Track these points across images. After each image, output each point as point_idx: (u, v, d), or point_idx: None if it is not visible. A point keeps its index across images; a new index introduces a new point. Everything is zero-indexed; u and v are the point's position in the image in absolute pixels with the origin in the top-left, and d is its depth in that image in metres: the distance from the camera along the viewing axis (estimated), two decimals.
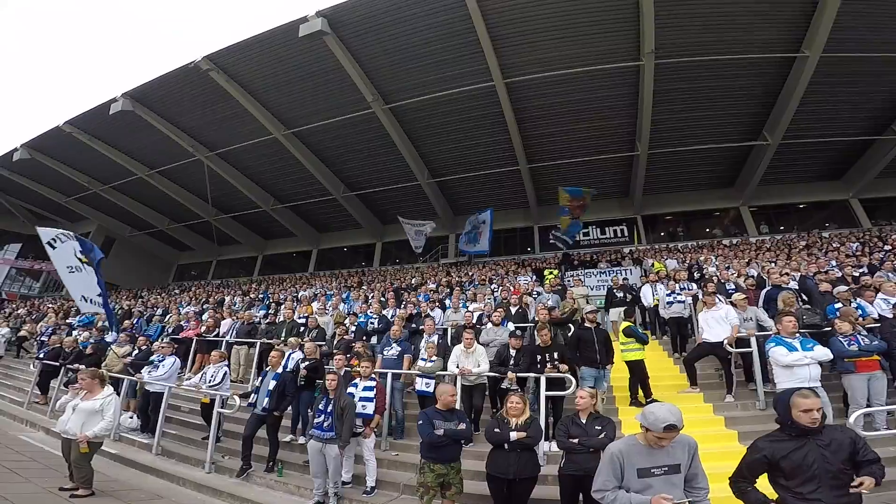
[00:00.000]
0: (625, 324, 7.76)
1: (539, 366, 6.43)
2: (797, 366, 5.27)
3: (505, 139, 19.22)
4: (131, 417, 8.10)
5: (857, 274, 9.51)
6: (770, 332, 6.77)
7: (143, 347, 9.52)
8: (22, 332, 14.47)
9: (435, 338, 7.96)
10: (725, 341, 6.84)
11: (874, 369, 5.53)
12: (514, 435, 4.34)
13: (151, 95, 19.04)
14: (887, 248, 13.38)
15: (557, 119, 18.60)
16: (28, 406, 9.80)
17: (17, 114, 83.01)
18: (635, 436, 2.98)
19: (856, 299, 7.24)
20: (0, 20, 77.61)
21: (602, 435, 4.21)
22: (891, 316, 6.56)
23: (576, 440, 4.22)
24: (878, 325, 6.39)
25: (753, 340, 6.76)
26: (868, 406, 5.29)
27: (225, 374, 7.42)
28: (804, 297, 8.40)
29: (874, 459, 2.75)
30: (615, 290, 10.89)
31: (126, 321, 13.80)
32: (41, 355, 10.60)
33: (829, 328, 6.33)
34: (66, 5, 78.16)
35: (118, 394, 6.78)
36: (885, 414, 5.36)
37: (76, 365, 8.97)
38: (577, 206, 18.98)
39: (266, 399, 6.31)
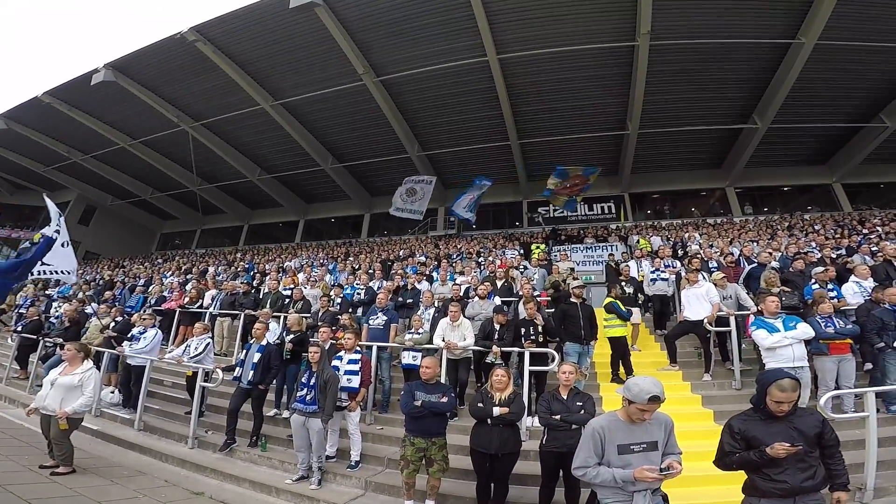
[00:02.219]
0: (608, 299, 7.80)
1: (523, 339, 6.47)
2: (778, 347, 5.30)
3: (496, 114, 19.10)
4: (113, 392, 7.94)
5: (835, 256, 9.67)
6: (748, 312, 6.90)
7: (119, 318, 9.38)
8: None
9: (431, 311, 7.96)
10: (705, 320, 6.93)
11: (845, 352, 5.65)
12: (496, 410, 4.33)
13: (135, 66, 18.50)
14: (865, 231, 13.62)
15: (550, 96, 18.49)
16: (7, 382, 9.61)
17: None
18: (616, 412, 2.97)
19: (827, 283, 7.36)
20: None
21: (583, 411, 4.23)
22: (861, 299, 6.68)
23: (557, 416, 4.22)
24: (852, 307, 6.51)
25: (732, 320, 6.84)
26: (837, 388, 5.42)
27: (207, 345, 7.34)
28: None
29: (835, 443, 2.83)
30: (623, 285, 8.85)
31: (108, 292, 13.62)
32: (19, 328, 10.40)
33: (805, 309, 6.44)
34: None
35: (99, 368, 6.72)
36: (853, 397, 5.46)
37: (56, 339, 8.85)
38: (573, 186, 18.90)
39: (251, 372, 6.24)
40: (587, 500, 3.07)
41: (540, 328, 6.57)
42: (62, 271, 8.53)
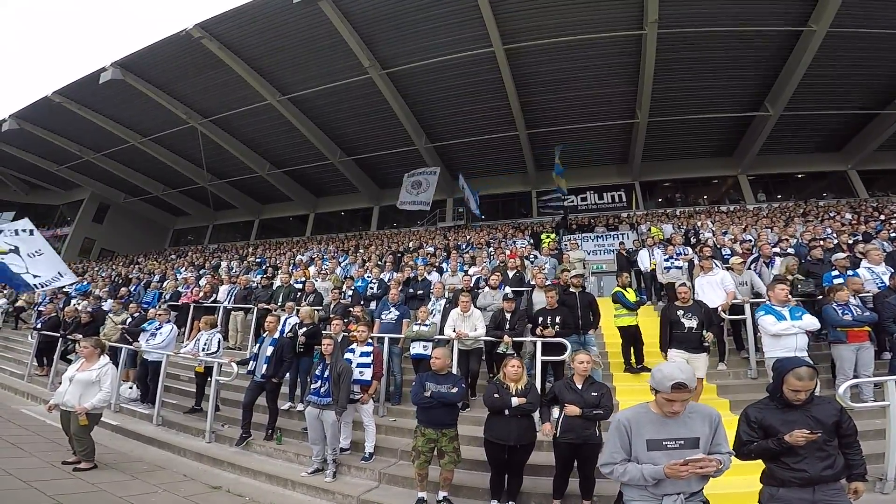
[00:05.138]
0: (616, 289, 7.76)
1: (540, 328, 6.41)
2: (784, 335, 5.24)
3: (504, 105, 18.99)
4: (131, 388, 8.08)
5: (852, 242, 9.52)
6: (764, 300, 6.82)
7: (136, 315, 9.49)
8: (19, 303, 14.37)
9: (442, 301, 7.95)
10: (719, 308, 6.84)
11: (863, 340, 5.55)
12: (515, 401, 4.30)
13: (142, 64, 18.58)
14: (882, 217, 13.42)
15: (557, 86, 18.34)
16: (28, 379, 9.80)
17: (4, 84, 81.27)
18: (648, 403, 2.70)
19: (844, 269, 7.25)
20: None
21: (599, 402, 4.18)
22: (874, 286, 6.57)
23: (579, 410, 4.12)
24: (870, 294, 6.41)
25: (747, 308, 6.75)
26: (855, 377, 5.33)
27: (219, 341, 7.44)
28: None
29: (853, 433, 2.81)
30: (680, 313, 5.97)
31: (123, 288, 13.79)
32: (38, 325, 10.57)
33: (822, 297, 6.35)
34: None
35: (116, 363, 6.80)
36: (872, 386, 5.37)
37: (75, 335, 8.99)
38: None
39: (264, 365, 6.28)
40: (615, 501, 2.92)
41: (557, 318, 6.46)
42: (54, 277, 8.92)
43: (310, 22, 15.80)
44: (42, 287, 9.12)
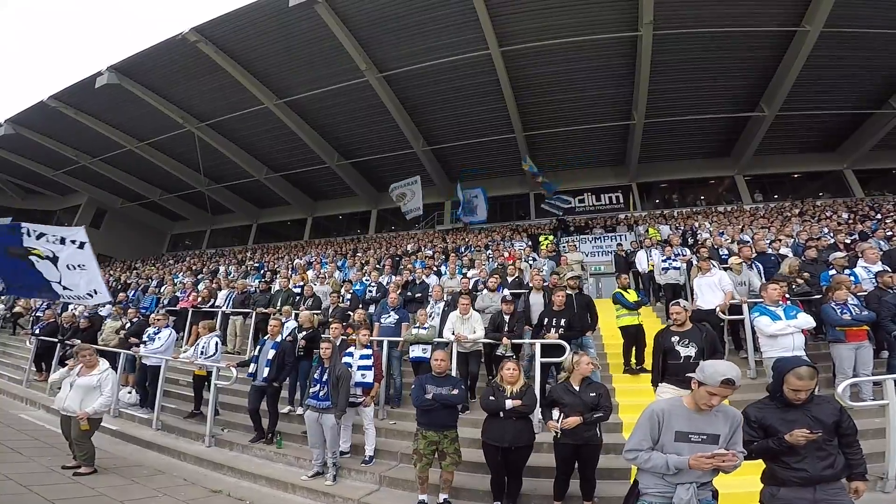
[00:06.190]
0: (616, 290, 7.77)
1: (548, 329, 6.41)
2: (781, 335, 5.25)
3: (501, 107, 19.02)
4: (130, 392, 8.07)
5: (849, 241, 9.56)
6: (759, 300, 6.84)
7: (135, 320, 9.48)
8: (17, 309, 14.34)
9: (441, 304, 7.95)
10: (717, 308, 6.87)
11: (862, 339, 5.56)
12: (509, 403, 4.32)
13: (138, 68, 18.51)
14: (878, 216, 13.50)
15: (554, 87, 18.38)
16: (27, 384, 9.80)
17: None
18: (681, 397, 2.80)
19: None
20: None
21: (598, 403, 4.18)
22: (871, 285, 6.60)
23: (580, 420, 4.10)
24: (865, 293, 6.43)
25: (745, 308, 6.77)
26: (854, 376, 5.34)
27: (217, 344, 7.42)
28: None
29: (852, 432, 2.82)
30: (675, 340, 4.85)
31: (121, 294, 13.76)
32: (36, 331, 10.55)
33: (819, 296, 6.36)
34: None
35: (115, 368, 6.79)
36: (872, 384, 5.36)
37: (73, 340, 8.96)
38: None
39: (266, 369, 6.28)
40: (629, 490, 2.95)
41: (563, 321, 6.44)
42: (87, 294, 8.58)
43: (306, 25, 15.78)
44: (68, 299, 8.87)
